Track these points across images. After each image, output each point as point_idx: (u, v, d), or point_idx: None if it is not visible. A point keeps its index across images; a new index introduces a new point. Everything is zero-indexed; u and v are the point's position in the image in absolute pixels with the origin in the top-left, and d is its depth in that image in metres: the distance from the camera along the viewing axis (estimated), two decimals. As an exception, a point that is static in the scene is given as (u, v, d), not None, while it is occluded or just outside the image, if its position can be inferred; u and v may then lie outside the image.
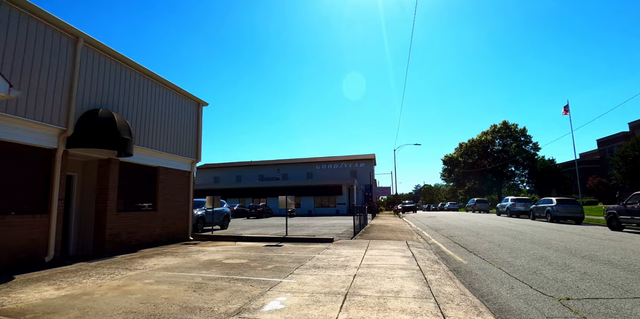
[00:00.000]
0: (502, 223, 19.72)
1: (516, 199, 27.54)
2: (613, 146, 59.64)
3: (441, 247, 10.38)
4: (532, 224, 18.50)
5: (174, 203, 11.67)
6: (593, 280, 5.67)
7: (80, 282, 5.64)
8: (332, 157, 56.40)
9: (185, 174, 12.40)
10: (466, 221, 22.59)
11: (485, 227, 16.97)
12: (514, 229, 15.61)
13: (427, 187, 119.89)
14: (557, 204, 20.61)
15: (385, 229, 16.65)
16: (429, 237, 13.41)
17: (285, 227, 13.81)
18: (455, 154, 75.69)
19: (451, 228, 16.91)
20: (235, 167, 56.76)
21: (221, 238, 12.29)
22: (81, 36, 8.09)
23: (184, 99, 12.41)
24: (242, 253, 8.82)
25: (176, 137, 11.82)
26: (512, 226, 17.16)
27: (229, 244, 11.03)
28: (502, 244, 10.44)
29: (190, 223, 12.42)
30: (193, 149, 12.74)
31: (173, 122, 11.70)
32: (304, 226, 19.22)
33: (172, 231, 11.54)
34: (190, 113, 12.68)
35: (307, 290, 4.95)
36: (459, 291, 5.07)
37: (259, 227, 18.56)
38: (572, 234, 13.32)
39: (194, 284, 5.41)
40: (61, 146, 7.70)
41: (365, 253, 8.63)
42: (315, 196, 42.16)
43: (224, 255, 8.54)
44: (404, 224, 21.79)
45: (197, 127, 12.99)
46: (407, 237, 12.71)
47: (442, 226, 18.87)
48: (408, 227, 18.28)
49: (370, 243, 10.74)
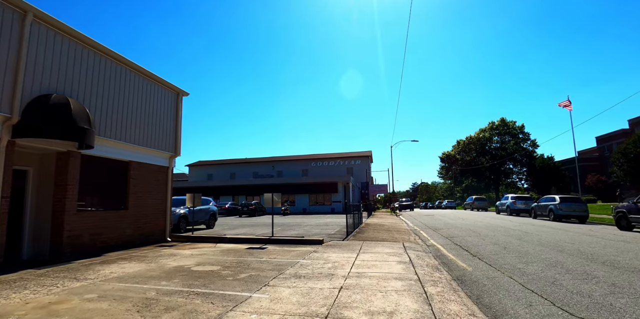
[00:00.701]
0: (504, 222, 18.82)
1: (516, 197, 26.65)
2: (612, 144, 58.95)
3: (441, 249, 9.43)
4: (535, 224, 17.61)
5: (148, 201, 10.65)
6: (627, 295, 4.72)
7: (8, 297, 4.64)
8: (327, 155, 55.42)
9: (162, 170, 11.37)
10: (465, 219, 21.70)
11: (486, 226, 16.06)
12: (517, 228, 14.69)
13: (424, 185, 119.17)
14: (560, 203, 19.72)
15: (380, 229, 15.70)
16: (427, 238, 12.48)
17: (282, 226, 12.82)
18: (453, 152, 74.87)
19: (450, 228, 15.99)
20: (229, 165, 55.70)
21: (202, 239, 11.29)
22: (30, 10, 7.04)
23: (161, 87, 11.37)
24: (217, 258, 7.84)
25: (151, 129, 10.79)
26: (515, 226, 16.26)
27: (208, 246, 10.04)
28: (509, 246, 9.51)
29: (167, 223, 11.41)
30: (171, 143, 11.71)
31: (147, 113, 10.67)
32: (295, 225, 18.26)
33: (147, 231, 10.53)
34: (168, 103, 11.64)
35: (279, 310, 3.97)
36: (467, 310, 4.11)
37: (249, 226, 17.58)
38: (580, 234, 12.42)
39: (143, 300, 4.41)
40: (5, 136, 6.66)
41: (357, 258, 7.66)
42: (310, 193, 41.17)
43: (197, 260, 7.55)
44: (400, 223, 20.87)
45: (176, 118, 11.95)
46: (404, 238, 11.76)
47: (441, 225, 17.96)
48: (405, 227, 17.35)
49: (363, 245, 9.78)
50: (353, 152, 54.38)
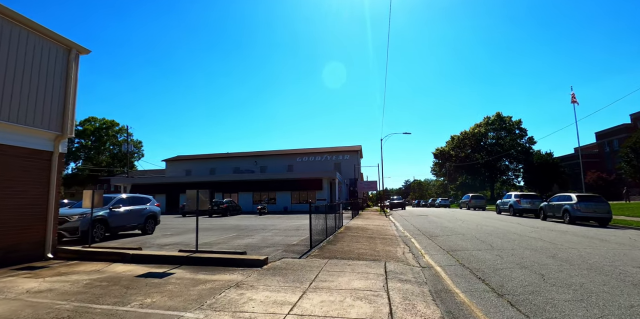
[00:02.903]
0: (513, 226, 15.60)
1: (521, 195, 23.45)
2: (613, 139, 56.41)
3: (443, 278, 6.07)
4: (553, 228, 14.40)
5: (9, 201, 7.15)
6: None
7: None
8: (314, 149, 51.93)
9: (40, 156, 7.85)
10: (465, 221, 18.45)
11: (494, 232, 12.79)
12: (537, 237, 11.42)
13: (416, 182, 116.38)
14: (578, 202, 16.56)
15: (361, 236, 12.35)
16: (420, 251, 9.14)
17: (242, 230, 9.37)
18: (447, 147, 71.98)
19: (449, 233, 12.71)
20: (209, 160, 51.94)
21: (99, 255, 7.81)
22: None
23: (42, 39, 7.83)
24: (54, 303, 4.42)
25: (19, 97, 7.26)
26: (530, 232, 13.01)
27: (93, 268, 6.61)
28: (548, 273, 6.17)
29: (49, 232, 7.90)
30: (57, 118, 8.18)
31: (12, 72, 7.14)
32: (260, 229, 14.85)
33: (5, 246, 7.03)
34: (52, 62, 8.09)
35: None
36: None
37: (204, 230, 14.05)
38: (628, 246, 9.19)
39: None
40: None
41: (296, 305, 4.27)
42: (293, 190, 37.62)
43: (13, 306, 4.12)
44: (388, 225, 17.58)
45: (65, 84, 8.40)
46: (389, 253, 8.42)
47: (437, 229, 14.68)
48: (393, 232, 14.04)
49: (323, 270, 6.40)
50: (341, 147, 50.84)
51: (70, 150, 71.17)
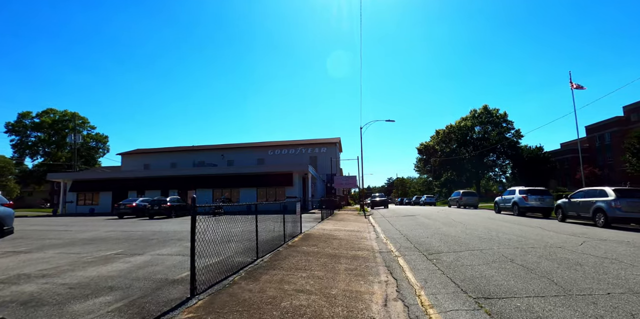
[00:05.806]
0: (538, 232, 11.26)
1: (528, 190, 19.23)
2: (604, 133, 53.74)
3: None
4: (601, 236, 10.11)
5: None
6: None
7: None
8: (287, 141, 47.05)
9: None
10: (466, 225, 14.05)
11: (527, 246, 8.36)
12: (603, 256, 7.01)
13: (399, 179, 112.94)
14: (617, 199, 12.39)
15: (320, 252, 7.71)
16: (420, 299, 4.53)
17: (147, 241, 4.57)
18: (432, 142, 68.38)
19: (457, 248, 8.21)
20: (170, 153, 46.45)
21: None
22: None
23: None
24: None
25: None
26: (577, 243, 8.67)
27: None
28: None
29: None
30: None
31: None
32: (176, 239, 10.09)
33: None
34: None
35: None
36: None
37: (91, 242, 9.15)
38: None
39: None
40: None
41: None
42: (259, 187, 32.66)
43: None
44: (366, 230, 13.03)
45: None
46: (353, 310, 3.76)
47: (434, 238, 10.18)
48: (370, 243, 9.48)
49: None
50: (318, 139, 46.08)
51: (26, 144, 64.25)
